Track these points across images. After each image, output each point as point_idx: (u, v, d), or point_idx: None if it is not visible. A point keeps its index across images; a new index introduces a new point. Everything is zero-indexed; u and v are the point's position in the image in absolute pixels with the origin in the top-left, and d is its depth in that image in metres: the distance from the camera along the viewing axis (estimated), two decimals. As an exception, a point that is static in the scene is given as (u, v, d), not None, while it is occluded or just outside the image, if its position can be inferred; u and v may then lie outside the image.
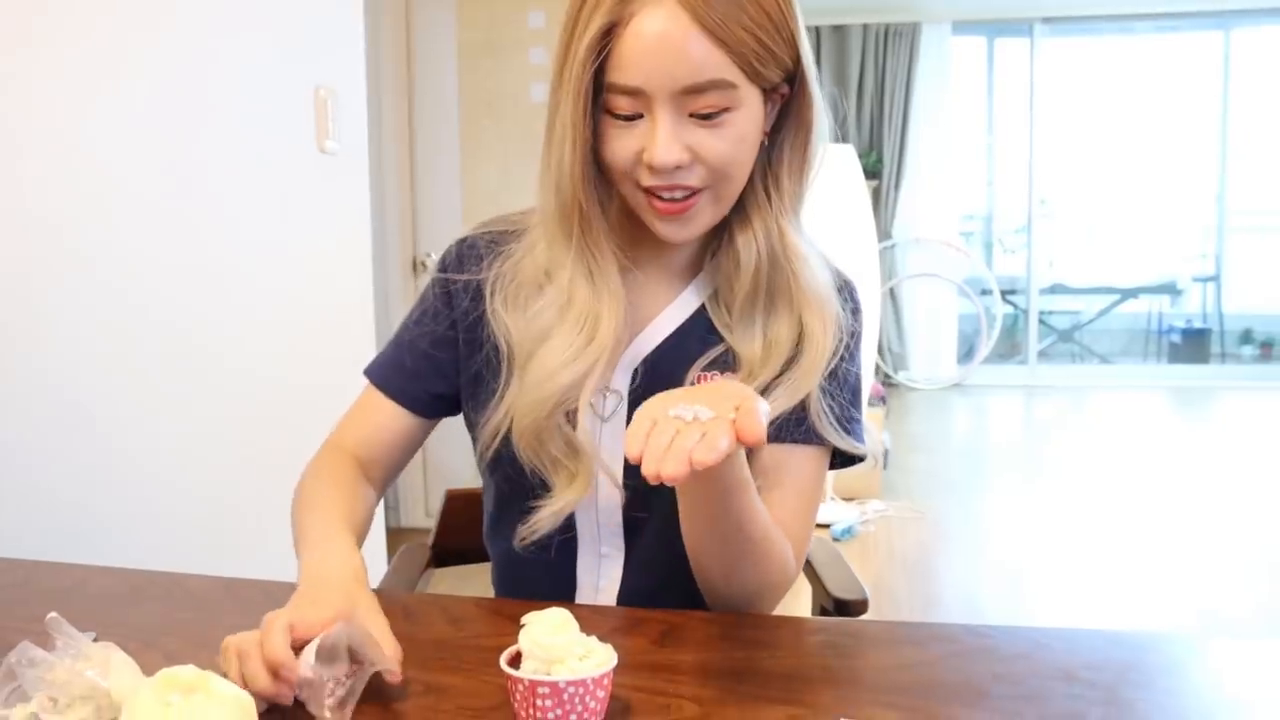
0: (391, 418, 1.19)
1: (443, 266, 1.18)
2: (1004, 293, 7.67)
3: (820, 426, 1.10)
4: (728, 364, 1.12)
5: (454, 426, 1.26)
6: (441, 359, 1.17)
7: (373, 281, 2.56)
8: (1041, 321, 7.84)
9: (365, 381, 1.22)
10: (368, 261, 2.55)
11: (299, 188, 2.26)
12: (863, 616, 1.25)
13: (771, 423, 1.07)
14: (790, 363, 1.10)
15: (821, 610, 1.31)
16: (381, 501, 2.67)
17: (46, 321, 1.63)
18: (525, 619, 0.82)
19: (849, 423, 1.13)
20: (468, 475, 1.34)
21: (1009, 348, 7.89)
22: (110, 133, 1.74)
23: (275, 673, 0.82)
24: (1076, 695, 0.86)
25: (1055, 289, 8.10)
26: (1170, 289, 8.17)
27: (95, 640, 0.86)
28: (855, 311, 1.17)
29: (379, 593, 1.05)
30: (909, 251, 7.37)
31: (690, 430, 0.82)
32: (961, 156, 7.56)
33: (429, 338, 1.17)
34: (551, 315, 1.08)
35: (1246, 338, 7.98)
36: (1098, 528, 4.09)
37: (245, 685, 0.81)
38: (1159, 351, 8.18)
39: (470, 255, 1.17)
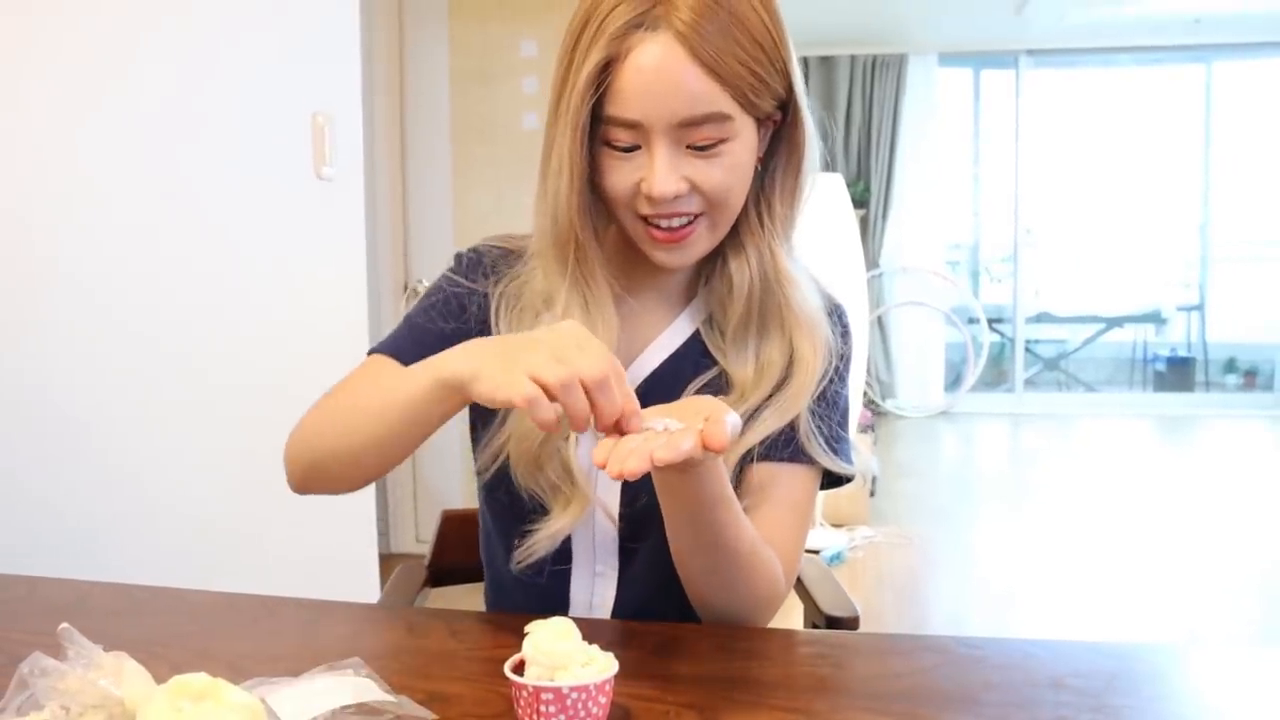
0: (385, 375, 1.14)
1: (456, 269, 1.20)
2: (990, 321, 7.72)
3: (809, 446, 1.13)
4: (720, 388, 1.14)
5: (443, 450, 1.28)
6: (453, 339, 1.13)
7: (367, 306, 2.58)
8: (1028, 350, 7.89)
9: None
10: (363, 287, 2.57)
11: (296, 213, 2.28)
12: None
13: (760, 442, 1.10)
14: (781, 384, 1.12)
15: (813, 627, 1.33)
16: (373, 527, 2.69)
17: (46, 341, 1.65)
18: (529, 627, 0.84)
19: (837, 443, 1.16)
20: (458, 501, 1.36)
21: (995, 376, 7.93)
22: (108, 157, 1.76)
23: (621, 422, 0.85)
24: (1065, 703, 0.88)
25: (1041, 318, 8.15)
26: (1155, 318, 8.23)
27: (107, 651, 0.88)
28: (845, 334, 1.20)
29: (381, 609, 1.07)
30: (896, 280, 7.42)
31: (656, 438, 0.85)
32: (948, 186, 7.62)
33: (444, 322, 1.16)
34: None
35: (1230, 366, 8.03)
36: (1083, 553, 4.11)
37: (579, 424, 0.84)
38: (1144, 380, 8.23)
39: (479, 265, 1.19)
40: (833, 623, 1.29)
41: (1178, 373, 8.02)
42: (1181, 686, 0.95)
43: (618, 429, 0.86)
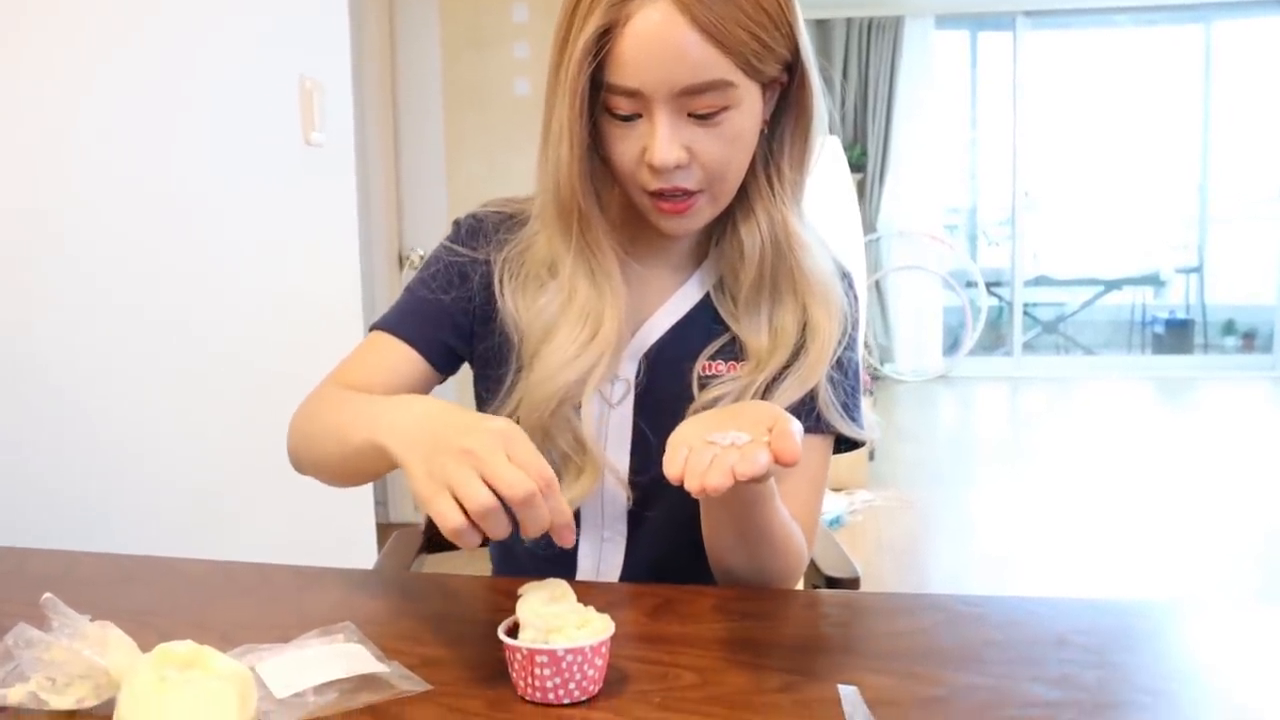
0: (405, 361, 1.12)
1: (455, 238, 1.17)
2: (988, 285, 7.69)
3: (829, 415, 1.11)
4: (734, 353, 1.12)
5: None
6: (458, 316, 1.14)
7: (360, 275, 2.55)
8: (1026, 313, 7.86)
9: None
10: (355, 254, 2.55)
11: (285, 180, 2.26)
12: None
13: None
14: (798, 353, 1.10)
15: (813, 588, 1.32)
16: (371, 497, 2.68)
17: (34, 311, 1.63)
18: (522, 589, 0.82)
19: (853, 410, 1.14)
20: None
21: (994, 339, 7.91)
22: (94, 124, 1.73)
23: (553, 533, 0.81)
24: (1069, 659, 0.86)
25: (1039, 281, 8.12)
26: (1154, 280, 8.21)
27: (93, 621, 0.86)
28: (854, 300, 1.18)
29: (375, 574, 1.05)
30: (893, 244, 7.39)
31: (729, 452, 0.82)
32: (945, 149, 7.57)
33: (445, 294, 1.14)
34: (554, 310, 1.08)
35: (1229, 328, 8.01)
36: (1082, 516, 4.11)
37: (495, 491, 0.77)
38: (1143, 342, 8.21)
39: (479, 231, 1.16)
40: (833, 584, 1.28)
41: (1176, 335, 8.00)
42: (1185, 643, 0.93)
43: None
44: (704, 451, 0.83)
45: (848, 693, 0.79)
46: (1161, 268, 8.18)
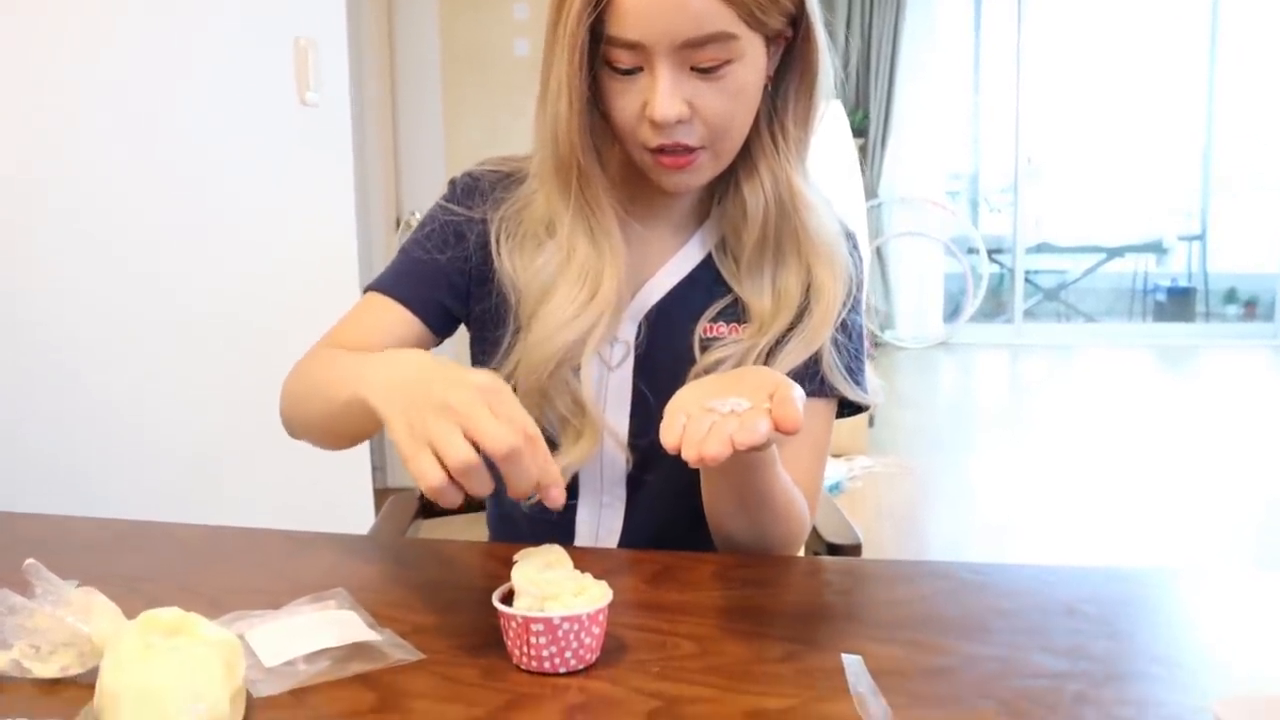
0: (400, 323, 1.09)
1: (451, 197, 1.14)
2: (990, 252, 7.65)
3: (833, 378, 1.09)
4: (737, 315, 1.10)
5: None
6: (454, 277, 1.11)
7: (356, 237, 2.52)
8: (1027, 280, 7.82)
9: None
10: (351, 217, 2.52)
11: (280, 141, 2.22)
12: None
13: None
14: (801, 315, 1.08)
15: (814, 555, 1.30)
16: (367, 461, 2.66)
17: (26, 274, 1.60)
18: (518, 556, 0.80)
19: (857, 373, 1.12)
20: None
21: (994, 306, 7.88)
22: (86, 89, 1.70)
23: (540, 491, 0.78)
24: (1078, 629, 0.84)
25: (1041, 248, 8.07)
26: (1156, 248, 8.16)
27: (79, 587, 0.84)
28: (858, 263, 1.16)
29: (369, 539, 1.03)
30: (895, 210, 7.34)
31: (728, 420, 0.80)
32: (948, 115, 7.50)
33: (440, 253, 1.11)
34: (552, 270, 1.05)
35: (1231, 297, 7.98)
36: (1082, 483, 4.10)
37: (480, 448, 0.74)
38: (1144, 310, 8.18)
39: (475, 190, 1.13)
40: (835, 550, 1.26)
41: (1178, 303, 7.97)
42: (1193, 612, 0.91)
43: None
44: (702, 419, 0.80)
45: (851, 662, 0.77)
46: (1164, 235, 8.14)
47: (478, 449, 0.74)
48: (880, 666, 0.77)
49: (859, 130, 7.01)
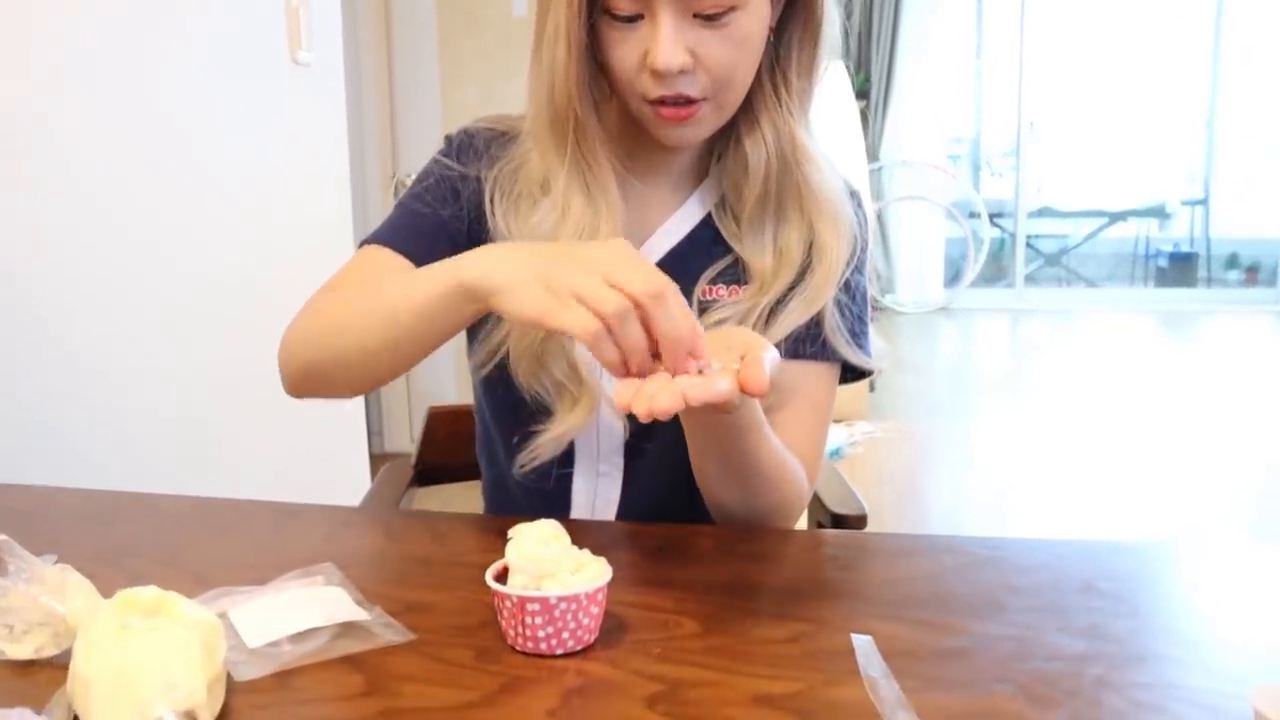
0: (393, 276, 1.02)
1: (447, 152, 1.09)
2: (991, 216, 7.58)
3: (835, 341, 1.05)
4: (737, 276, 1.06)
5: (438, 351, 1.18)
6: (453, 229, 1.06)
7: (351, 199, 2.47)
8: (1028, 245, 7.76)
9: None
10: (345, 179, 2.47)
11: (272, 99, 2.17)
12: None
13: (786, 338, 1.02)
14: (803, 274, 1.04)
15: (818, 526, 1.27)
16: (364, 426, 2.63)
17: (10, 234, 1.56)
18: (512, 531, 0.76)
19: (860, 336, 1.08)
20: (452, 397, 1.29)
21: (995, 271, 7.82)
22: (76, 43, 1.65)
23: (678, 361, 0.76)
24: (1095, 607, 0.81)
25: (1043, 212, 8.01)
26: (1159, 212, 8.09)
27: (56, 563, 0.81)
28: (863, 222, 1.12)
29: (360, 511, 1.00)
30: (896, 174, 7.27)
31: (685, 378, 0.76)
32: (950, 78, 7.42)
33: (440, 208, 1.06)
34: (548, 229, 1.01)
35: (1233, 262, 7.92)
36: (1083, 449, 4.07)
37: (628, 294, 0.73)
38: (1146, 275, 8.13)
39: (470, 147, 1.09)
40: (839, 521, 1.23)
41: (1180, 268, 7.91)
42: (1220, 589, 0.88)
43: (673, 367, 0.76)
44: (663, 378, 0.76)
45: (861, 643, 0.74)
46: (1167, 200, 8.07)
47: None
48: (891, 647, 0.73)
49: (860, 93, 6.93)
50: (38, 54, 1.59)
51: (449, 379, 3.69)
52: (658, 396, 0.73)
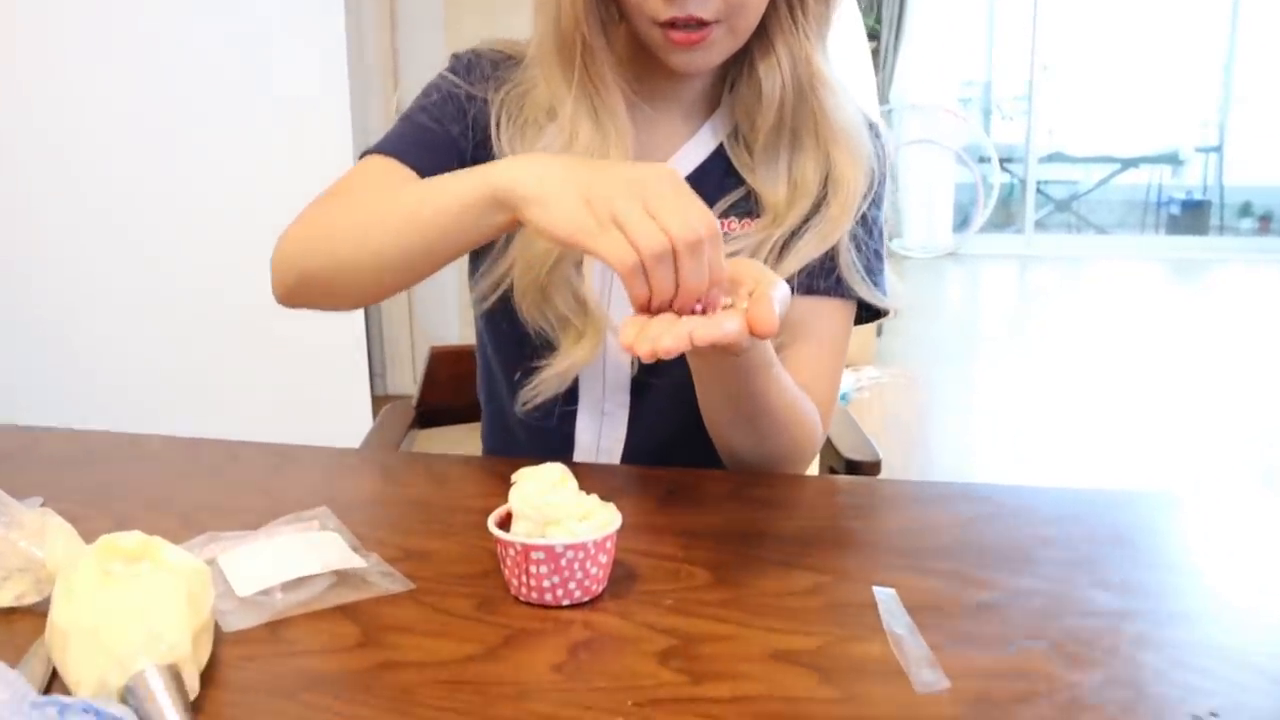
0: (405, 183, 0.96)
1: (453, 69, 1.04)
2: (1002, 161, 7.48)
3: (850, 278, 1.01)
4: (749, 208, 1.01)
5: (442, 285, 1.14)
6: (461, 147, 1.01)
7: (351, 126, 2.40)
8: (1039, 191, 7.67)
9: None
10: (346, 112, 2.40)
11: (269, 22, 2.10)
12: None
13: (800, 272, 0.97)
14: (819, 206, 0.99)
15: (830, 471, 1.23)
16: (366, 366, 2.59)
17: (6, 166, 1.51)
18: (516, 476, 0.72)
19: (876, 274, 1.03)
20: (457, 337, 1.25)
21: (1004, 217, 7.73)
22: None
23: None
24: (1129, 559, 0.77)
25: (1054, 158, 7.91)
26: (1172, 159, 7.98)
27: (42, 505, 0.77)
28: (882, 155, 1.06)
29: (357, 453, 0.95)
30: (906, 117, 7.16)
31: (693, 317, 0.71)
32: (962, 19, 7.28)
33: (448, 124, 1.01)
34: (553, 154, 0.96)
35: (1245, 210, 7.83)
36: (1090, 397, 4.03)
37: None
38: (1157, 222, 8.03)
39: (476, 67, 1.03)
40: (852, 468, 1.19)
41: (1192, 216, 7.82)
42: (1261, 541, 0.84)
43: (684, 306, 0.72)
44: (666, 316, 0.72)
45: (884, 596, 0.70)
46: (1180, 146, 7.96)
47: None
48: (916, 601, 0.70)
49: (871, 34, 6.80)
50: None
51: (453, 318, 3.64)
52: (662, 337, 0.68)
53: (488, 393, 1.16)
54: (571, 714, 0.58)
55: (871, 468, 1.20)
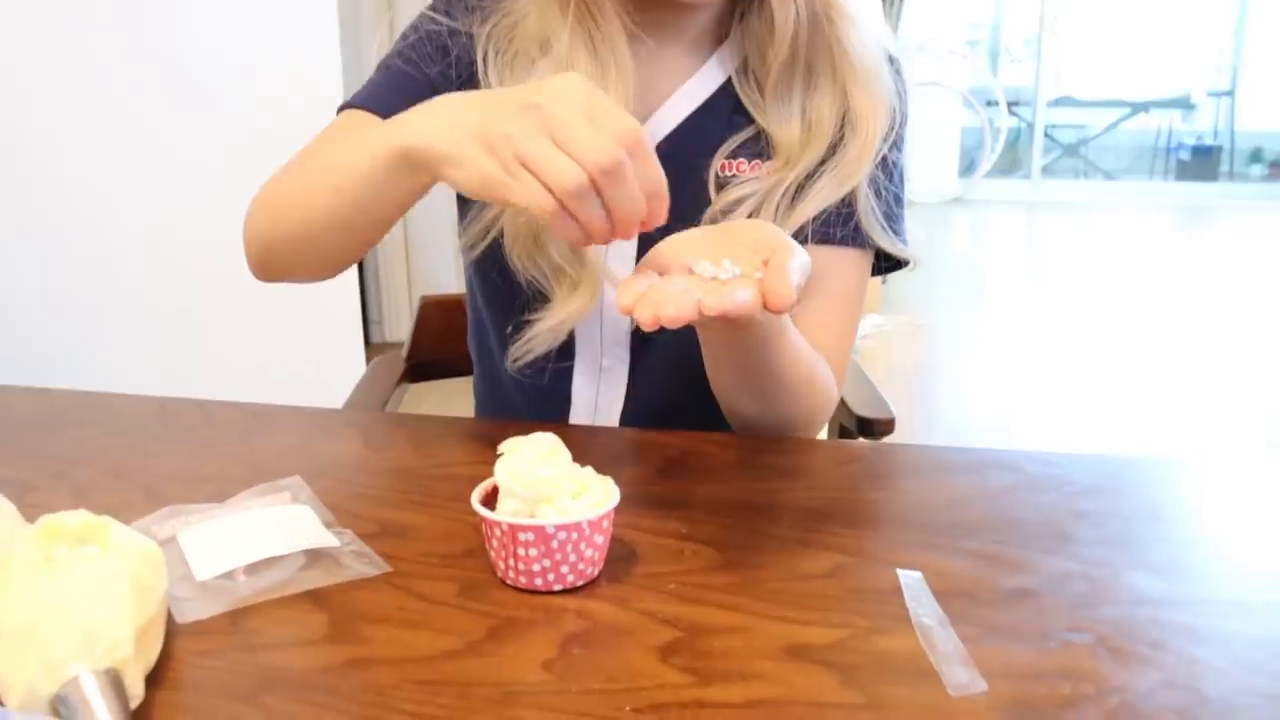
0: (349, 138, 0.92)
1: (435, 6, 0.96)
2: (1009, 104, 7.34)
3: (868, 225, 0.93)
4: (759, 149, 0.93)
5: (439, 227, 1.06)
6: (441, 86, 0.93)
7: (343, 87, 2.31)
8: (1047, 135, 7.54)
9: None
10: (336, 62, 2.31)
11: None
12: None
13: (815, 219, 0.90)
14: (835, 147, 0.92)
15: (841, 430, 1.17)
16: (360, 314, 2.51)
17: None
18: (503, 447, 0.65)
19: (896, 221, 0.96)
20: (455, 285, 1.18)
21: (1011, 162, 7.61)
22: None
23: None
24: (1170, 539, 0.71)
25: (1062, 101, 7.75)
26: (1183, 103, 7.83)
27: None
28: (903, 91, 0.98)
29: (337, 415, 0.89)
30: (912, 59, 7.02)
31: (705, 286, 0.64)
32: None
33: (427, 67, 0.94)
34: None
35: (1256, 156, 7.69)
36: (1099, 344, 3.97)
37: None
38: (1166, 168, 7.90)
39: (462, 1, 0.95)
40: (864, 425, 1.13)
41: (1202, 161, 7.68)
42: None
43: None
44: (675, 282, 0.65)
45: (910, 580, 0.64)
46: (1191, 90, 7.80)
47: None
48: (944, 585, 0.63)
49: (878, -27, 6.65)
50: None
51: (451, 264, 3.54)
52: (666, 304, 0.62)
53: (479, 348, 1.09)
54: (563, 721, 0.51)
55: (885, 425, 1.14)
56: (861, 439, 1.13)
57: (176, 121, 1.78)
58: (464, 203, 0.99)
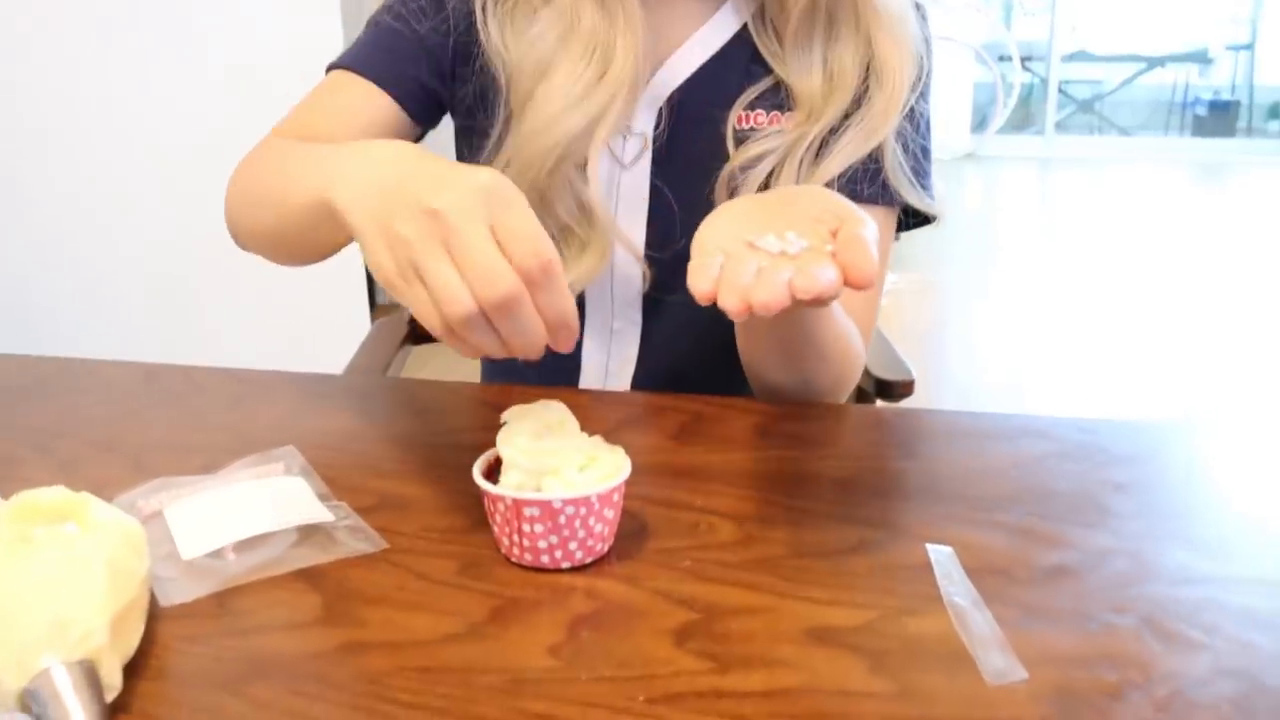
0: (373, 107, 0.89)
1: None
2: (1023, 59, 7.23)
3: (896, 180, 0.88)
4: (779, 101, 0.88)
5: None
6: (436, 51, 0.90)
7: (343, 24, 2.26)
8: (1061, 90, 7.43)
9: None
10: (337, 19, 2.25)
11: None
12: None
13: (840, 176, 0.85)
14: (859, 100, 0.87)
15: (859, 393, 1.12)
16: (364, 273, 2.47)
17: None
18: (507, 415, 0.61)
19: (923, 175, 0.91)
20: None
21: (1024, 117, 7.51)
22: None
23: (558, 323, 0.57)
24: (1219, 510, 0.67)
25: (1077, 56, 7.63)
26: (1200, 57, 7.70)
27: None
28: (929, 38, 0.93)
29: (334, 380, 0.85)
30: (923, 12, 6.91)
31: (779, 264, 0.57)
32: (985, -92, 7.00)
33: (418, 23, 0.89)
34: (551, 42, 0.84)
35: (1275, 111, 7.57)
36: (1113, 302, 3.91)
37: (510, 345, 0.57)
38: (1182, 124, 7.79)
39: None
40: (883, 388, 1.09)
41: (1219, 117, 7.56)
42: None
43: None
44: (746, 260, 0.58)
45: (941, 557, 0.60)
46: (1209, 44, 7.68)
47: None
48: (977, 562, 0.59)
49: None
50: None
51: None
52: (755, 289, 0.55)
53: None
54: (571, 713, 0.48)
55: (904, 388, 1.10)
56: (880, 401, 1.09)
57: (172, 81, 1.73)
58: (464, 157, 0.94)
